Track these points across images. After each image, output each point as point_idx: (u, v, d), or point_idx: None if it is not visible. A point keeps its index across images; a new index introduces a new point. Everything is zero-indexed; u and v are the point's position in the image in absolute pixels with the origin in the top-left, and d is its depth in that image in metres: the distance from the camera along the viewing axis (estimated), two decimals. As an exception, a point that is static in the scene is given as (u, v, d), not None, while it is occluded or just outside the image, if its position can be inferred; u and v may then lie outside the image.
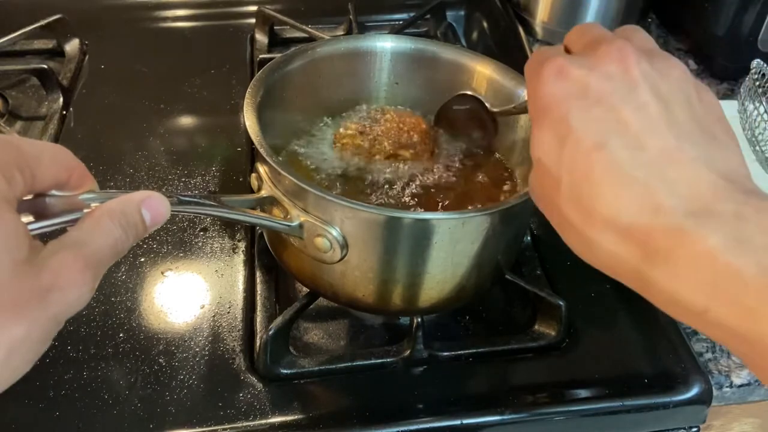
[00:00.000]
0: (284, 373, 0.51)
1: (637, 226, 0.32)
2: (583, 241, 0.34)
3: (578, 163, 0.33)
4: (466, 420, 0.49)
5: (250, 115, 0.50)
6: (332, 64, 0.60)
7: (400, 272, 0.49)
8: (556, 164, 0.34)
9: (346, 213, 0.46)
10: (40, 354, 0.30)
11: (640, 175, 0.32)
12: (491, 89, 0.59)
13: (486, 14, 0.93)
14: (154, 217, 0.35)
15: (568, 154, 0.34)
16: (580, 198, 0.34)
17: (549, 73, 0.35)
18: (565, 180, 0.34)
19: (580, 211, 0.34)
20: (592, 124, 0.33)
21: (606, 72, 0.34)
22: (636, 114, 0.33)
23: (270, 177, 0.49)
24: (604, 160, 0.33)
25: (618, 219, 0.32)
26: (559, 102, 0.35)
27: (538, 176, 0.37)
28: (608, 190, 0.32)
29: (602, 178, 0.33)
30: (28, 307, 0.28)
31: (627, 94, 0.34)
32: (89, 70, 0.81)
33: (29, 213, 0.34)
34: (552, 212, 0.36)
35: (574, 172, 0.34)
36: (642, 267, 0.32)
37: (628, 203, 0.32)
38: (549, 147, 0.35)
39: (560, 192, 0.34)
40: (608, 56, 0.35)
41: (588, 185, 0.33)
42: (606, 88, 0.34)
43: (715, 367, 0.56)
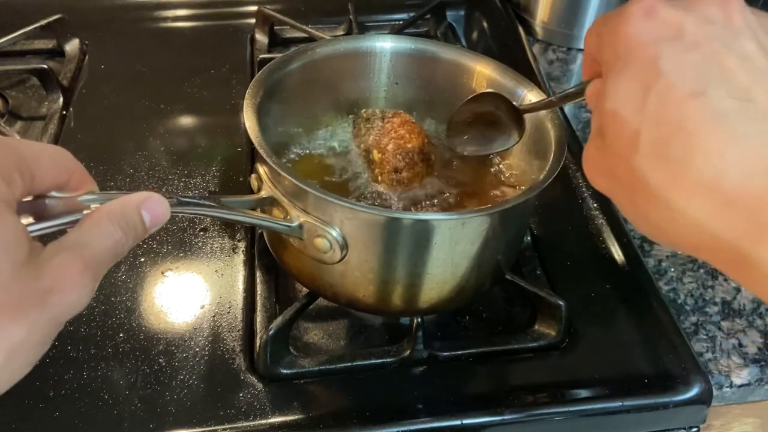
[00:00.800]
0: (284, 373, 0.51)
1: (745, 190, 0.26)
2: (662, 209, 0.29)
3: (669, 112, 0.28)
4: (466, 420, 0.49)
5: (249, 115, 0.50)
6: (332, 64, 0.60)
7: (400, 273, 0.49)
8: (637, 115, 0.29)
9: (346, 214, 0.46)
10: (40, 356, 0.30)
11: (752, 129, 0.27)
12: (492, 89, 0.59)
13: (486, 14, 0.93)
14: (153, 218, 0.35)
15: (655, 102, 0.29)
16: (668, 154, 0.28)
17: (636, 11, 0.30)
18: (647, 133, 0.29)
19: (667, 170, 0.28)
20: (689, 69, 0.28)
21: (705, 15, 0.30)
22: (741, 63, 0.28)
23: (270, 178, 0.49)
24: (705, 109, 0.28)
25: (721, 179, 0.27)
26: (646, 44, 0.29)
27: (610, 132, 0.31)
28: (710, 145, 0.27)
29: (702, 131, 0.27)
30: (28, 309, 0.28)
31: (730, 41, 0.29)
32: (89, 70, 0.81)
33: (29, 214, 0.34)
34: (618, 179, 0.31)
35: (661, 123, 0.28)
36: (744, 243, 0.27)
37: (737, 161, 0.27)
38: (629, 95, 0.30)
39: (639, 148, 0.29)
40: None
41: (681, 138, 0.28)
42: (705, 31, 0.29)
43: (715, 367, 0.56)
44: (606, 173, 0.32)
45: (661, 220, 0.30)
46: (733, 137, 0.27)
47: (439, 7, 0.89)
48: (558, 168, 0.49)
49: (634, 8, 0.30)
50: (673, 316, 0.57)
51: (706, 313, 0.60)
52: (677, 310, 0.60)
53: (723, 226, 0.27)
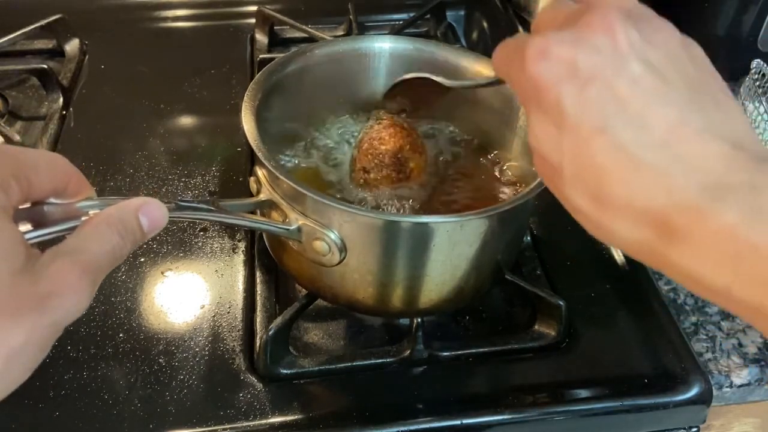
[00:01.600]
0: (284, 373, 0.51)
1: (651, 209, 0.30)
2: (598, 227, 0.33)
3: (580, 150, 0.32)
4: (466, 420, 0.49)
5: (248, 118, 0.50)
6: (331, 65, 0.60)
7: (399, 275, 0.49)
8: (556, 152, 0.32)
9: (344, 217, 0.46)
10: (39, 361, 0.30)
11: (649, 156, 0.30)
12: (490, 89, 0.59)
13: (486, 14, 0.93)
14: (151, 223, 0.35)
15: (568, 142, 0.32)
16: (587, 186, 0.32)
17: (531, 55, 0.32)
18: (567, 168, 0.32)
19: (590, 199, 0.32)
20: (588, 105, 0.31)
21: (592, 44, 0.32)
22: (632, 88, 0.31)
23: (268, 181, 0.49)
24: (607, 143, 0.31)
25: (631, 204, 0.31)
26: (548, 86, 0.32)
27: (538, 165, 0.35)
28: (617, 176, 0.31)
29: (608, 164, 0.31)
30: (26, 315, 0.28)
31: (619, 67, 0.31)
32: (89, 70, 0.81)
33: (27, 221, 0.34)
34: (558, 195, 0.35)
35: (576, 160, 0.32)
36: (660, 248, 0.30)
37: (640, 187, 0.30)
38: (545, 135, 0.33)
39: (564, 181, 0.33)
40: (591, 26, 0.32)
41: (594, 172, 0.31)
42: (596, 62, 0.31)
43: (715, 367, 0.56)
44: (550, 183, 0.35)
45: (599, 234, 0.33)
46: (635, 167, 0.30)
47: (439, 7, 0.89)
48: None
49: (530, 51, 0.32)
50: (673, 316, 0.57)
51: (706, 313, 0.60)
52: (677, 310, 0.60)
53: (643, 238, 0.31)
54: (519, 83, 0.34)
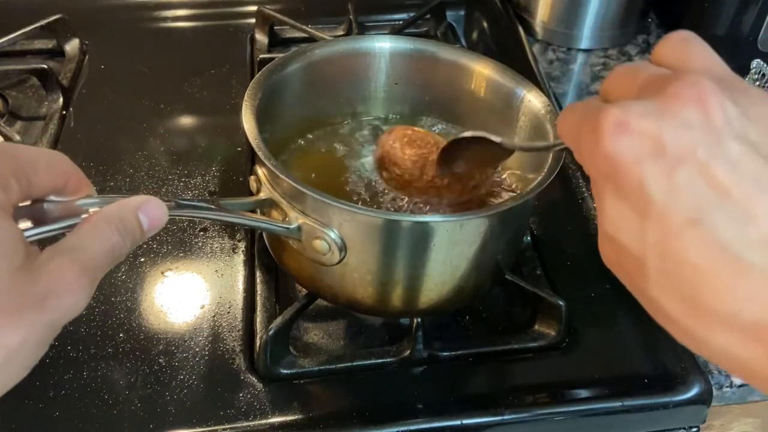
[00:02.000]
0: (284, 373, 0.51)
1: (763, 324, 0.25)
2: (691, 336, 0.28)
3: (669, 245, 0.27)
4: (466, 420, 0.49)
5: (248, 117, 0.50)
6: (330, 65, 0.60)
7: (399, 274, 0.49)
8: (639, 244, 0.28)
9: (344, 216, 0.46)
10: (37, 360, 0.30)
11: (757, 257, 0.25)
12: (490, 89, 0.59)
13: (486, 14, 0.93)
14: (151, 222, 0.35)
15: (654, 233, 0.27)
16: (678, 287, 0.27)
17: (607, 128, 0.28)
18: (653, 264, 0.27)
19: (681, 303, 0.27)
20: (679, 192, 0.26)
21: (682, 119, 0.27)
22: (731, 173, 0.26)
23: (269, 180, 0.49)
24: (704, 239, 0.26)
25: (737, 316, 0.26)
26: (629, 166, 0.27)
27: (614, 252, 0.30)
28: (717, 280, 0.26)
29: (706, 265, 0.26)
30: (24, 314, 0.28)
31: (714, 148, 0.26)
32: (89, 70, 0.81)
33: (27, 219, 0.34)
34: (638, 295, 0.30)
35: (665, 256, 0.27)
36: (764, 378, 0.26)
37: (748, 296, 0.25)
38: (626, 223, 0.28)
39: (648, 277, 0.28)
40: (680, 97, 0.27)
41: (687, 273, 0.26)
42: (687, 140, 0.27)
43: (715, 367, 0.56)
44: (626, 277, 0.31)
45: (689, 341, 0.29)
46: (741, 270, 0.26)
47: (439, 7, 0.89)
48: (556, 169, 0.49)
49: (605, 124, 0.28)
50: (673, 316, 0.57)
51: (706, 313, 0.60)
52: (677, 310, 0.60)
53: (750, 356, 0.26)
54: (592, 159, 0.29)
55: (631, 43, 0.92)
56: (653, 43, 0.92)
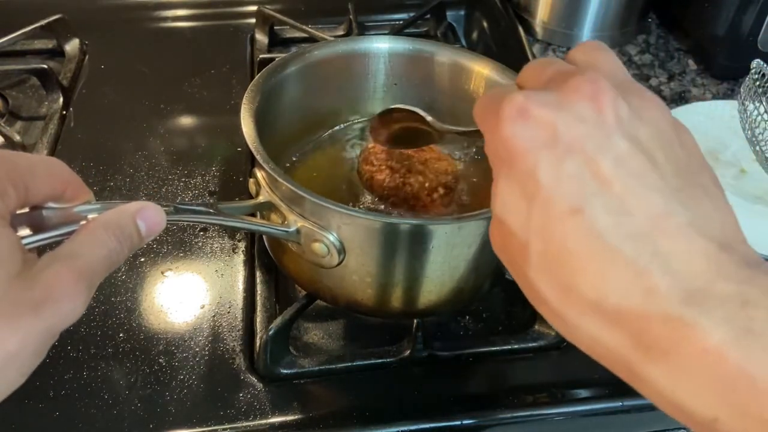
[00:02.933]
0: (284, 373, 0.51)
1: (626, 311, 0.27)
2: (563, 321, 0.29)
3: (551, 230, 0.28)
4: (466, 420, 0.49)
5: (247, 121, 0.50)
6: (329, 66, 0.60)
7: (398, 276, 0.49)
8: (523, 227, 0.29)
9: (343, 219, 0.46)
10: (34, 367, 0.30)
11: (627, 247, 0.27)
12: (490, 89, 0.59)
13: (486, 14, 0.93)
14: (149, 227, 0.35)
15: (538, 217, 0.28)
16: (554, 271, 0.28)
17: (509, 113, 0.29)
18: (534, 247, 0.29)
19: (555, 287, 0.29)
20: (566, 181, 0.28)
21: (577, 112, 0.28)
22: (616, 168, 0.28)
23: (267, 183, 0.49)
24: (582, 227, 0.27)
25: (603, 301, 0.27)
26: (523, 151, 0.29)
27: (501, 234, 0.31)
28: (590, 266, 0.27)
29: (581, 250, 0.27)
30: (21, 320, 0.28)
31: (603, 142, 0.28)
32: (89, 70, 0.81)
33: (25, 226, 0.34)
34: (517, 275, 0.31)
35: (546, 240, 0.28)
36: (634, 359, 0.27)
37: (615, 282, 0.27)
38: (514, 206, 0.29)
39: (529, 260, 0.29)
40: (578, 91, 0.29)
41: (564, 257, 0.28)
42: (578, 133, 0.28)
43: (715, 367, 0.56)
44: (508, 262, 0.32)
45: (561, 327, 0.30)
46: (611, 258, 0.27)
47: (439, 7, 0.89)
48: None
49: (507, 109, 0.29)
50: (672, 316, 0.57)
51: (706, 313, 0.60)
52: (677, 310, 0.60)
53: (614, 342, 0.27)
54: (492, 142, 0.31)
55: (631, 43, 0.92)
56: (653, 43, 0.92)
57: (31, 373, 0.30)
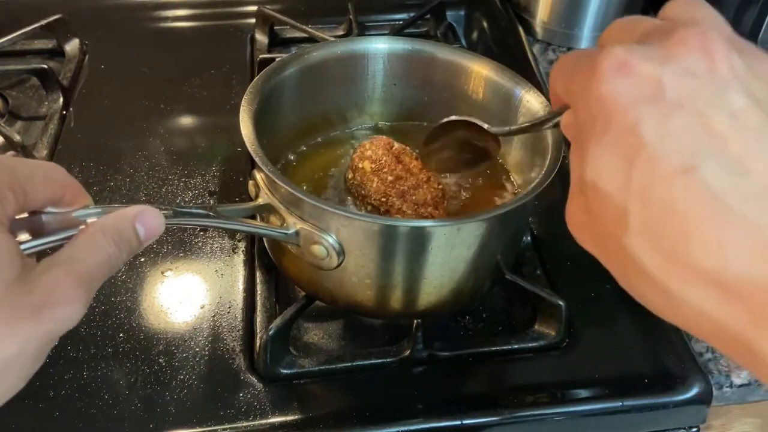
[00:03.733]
0: (284, 373, 0.51)
1: (750, 282, 0.24)
2: (657, 291, 0.27)
3: (657, 191, 0.26)
4: (466, 420, 0.49)
5: (246, 123, 0.50)
6: (328, 67, 0.60)
7: (398, 278, 0.49)
8: (622, 190, 0.26)
9: (342, 221, 0.46)
10: (33, 371, 0.30)
11: (751, 210, 0.24)
12: (489, 89, 0.59)
13: (486, 14, 0.93)
14: (148, 231, 0.35)
15: (641, 178, 0.26)
16: (659, 237, 0.26)
17: (607, 68, 0.27)
18: (635, 212, 0.26)
19: (659, 255, 0.26)
20: (674, 138, 0.25)
21: (686, 66, 0.26)
22: (731, 123, 0.25)
23: (267, 185, 0.49)
24: (696, 187, 0.25)
25: (721, 271, 0.24)
26: (623, 107, 0.26)
27: (588, 205, 0.29)
28: (705, 230, 0.24)
29: (695, 213, 0.25)
30: (20, 325, 0.28)
31: (716, 97, 0.26)
32: (89, 70, 0.81)
33: (24, 231, 0.34)
34: (607, 250, 0.29)
35: (650, 203, 0.26)
36: (750, 334, 0.24)
37: (737, 250, 0.24)
38: (610, 167, 0.27)
39: (628, 227, 0.27)
40: (686, 45, 0.26)
41: (673, 221, 0.25)
42: (688, 87, 0.26)
43: (715, 367, 0.56)
44: (595, 239, 0.30)
45: (657, 300, 0.27)
46: (730, 221, 0.24)
47: (439, 7, 0.89)
48: (555, 170, 0.49)
49: (606, 63, 0.27)
50: (672, 316, 0.57)
51: (706, 313, 0.60)
52: (677, 310, 0.60)
53: (726, 316, 0.25)
54: (583, 100, 0.28)
55: (631, 43, 0.92)
56: (653, 43, 0.92)
57: (29, 377, 0.30)
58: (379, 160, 0.55)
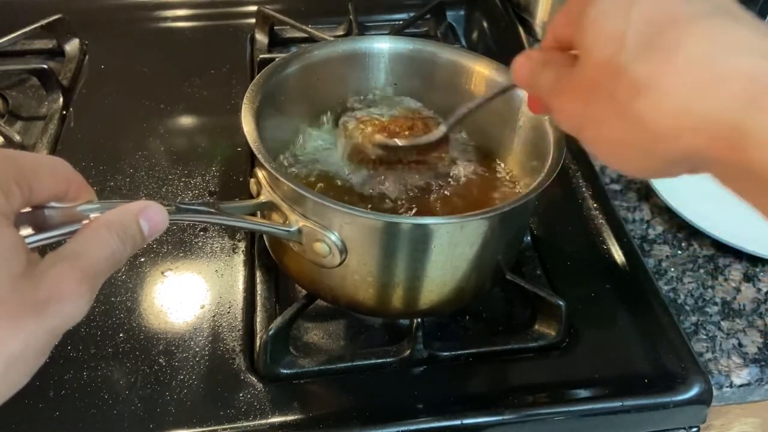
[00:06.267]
0: (284, 373, 0.51)
1: (737, 65, 0.27)
2: (644, 101, 0.29)
3: (658, 11, 0.29)
4: (466, 420, 0.49)
5: (248, 120, 0.50)
6: (329, 66, 0.60)
7: (400, 276, 0.49)
8: (623, 18, 0.30)
9: (345, 218, 0.46)
10: (37, 367, 0.30)
11: (738, 22, 0.28)
12: (490, 89, 0.59)
13: (486, 14, 0.93)
14: (152, 227, 0.35)
15: (643, 6, 0.30)
16: (657, 44, 0.29)
17: None
18: (635, 30, 0.29)
19: (655, 57, 0.29)
20: None
21: None
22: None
23: (269, 182, 0.49)
24: (693, 9, 0.29)
25: (712, 57, 0.27)
26: None
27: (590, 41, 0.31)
28: (701, 31, 0.28)
29: (692, 22, 0.28)
30: (25, 321, 0.28)
31: None
32: (89, 70, 0.81)
33: (28, 225, 0.34)
34: (593, 93, 0.32)
35: (650, 21, 0.29)
36: (738, 114, 0.26)
37: (727, 42, 0.28)
38: (614, 4, 0.31)
39: (624, 45, 0.30)
40: None
41: (671, 30, 0.28)
42: None
43: (715, 367, 0.56)
44: (578, 93, 0.32)
45: (641, 119, 0.29)
46: (722, 26, 0.28)
47: (439, 7, 0.89)
48: (556, 169, 0.49)
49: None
50: (673, 316, 0.57)
51: (706, 313, 0.60)
52: (677, 310, 0.60)
53: (714, 102, 0.27)
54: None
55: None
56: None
57: (33, 374, 0.30)
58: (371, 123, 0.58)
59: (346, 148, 0.58)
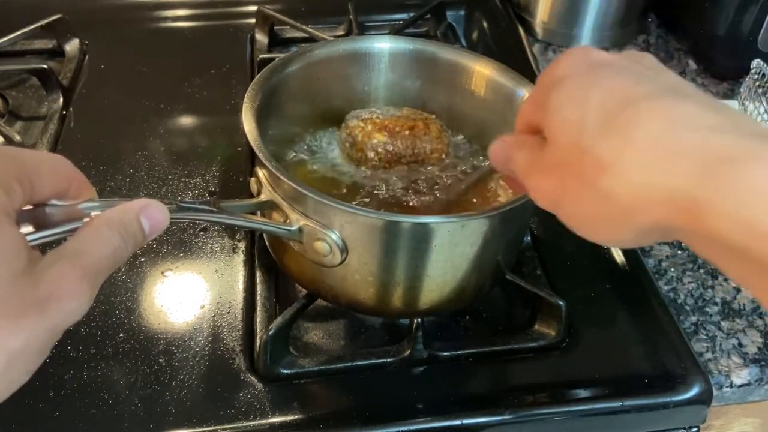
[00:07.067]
0: (284, 373, 0.51)
1: (691, 141, 0.29)
2: (610, 178, 0.31)
3: (614, 95, 0.32)
4: (466, 420, 0.49)
5: (248, 119, 0.50)
6: (330, 66, 0.60)
7: (400, 275, 0.49)
8: (582, 105, 0.32)
9: (346, 217, 0.46)
10: (38, 365, 0.30)
11: (691, 100, 0.30)
12: (490, 89, 0.59)
13: (486, 14, 0.93)
14: (153, 225, 0.35)
15: (600, 92, 0.32)
16: (615, 124, 0.31)
17: (571, 50, 0.37)
18: (593, 114, 0.32)
19: (615, 137, 0.31)
20: (623, 75, 0.33)
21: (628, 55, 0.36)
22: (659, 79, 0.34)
23: (269, 181, 0.49)
24: (646, 90, 0.31)
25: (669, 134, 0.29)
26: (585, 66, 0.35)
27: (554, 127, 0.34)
28: (657, 110, 0.30)
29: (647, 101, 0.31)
30: (26, 319, 0.28)
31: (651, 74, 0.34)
32: (89, 70, 0.81)
33: (29, 223, 0.34)
34: (562, 172, 0.34)
35: (607, 104, 0.32)
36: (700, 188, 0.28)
37: (682, 118, 0.30)
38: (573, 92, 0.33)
39: (586, 128, 0.32)
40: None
41: (628, 110, 0.31)
42: (629, 63, 0.35)
43: (715, 367, 0.56)
44: (550, 173, 0.35)
45: (609, 194, 0.31)
46: (672, 103, 0.30)
47: (439, 7, 0.89)
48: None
49: (568, 51, 0.36)
50: (673, 316, 0.57)
51: (706, 313, 0.60)
52: (677, 310, 0.60)
53: (673, 177, 0.29)
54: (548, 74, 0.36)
55: (631, 43, 0.92)
56: (653, 43, 0.92)
57: (34, 371, 0.30)
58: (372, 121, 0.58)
59: (347, 147, 0.58)
